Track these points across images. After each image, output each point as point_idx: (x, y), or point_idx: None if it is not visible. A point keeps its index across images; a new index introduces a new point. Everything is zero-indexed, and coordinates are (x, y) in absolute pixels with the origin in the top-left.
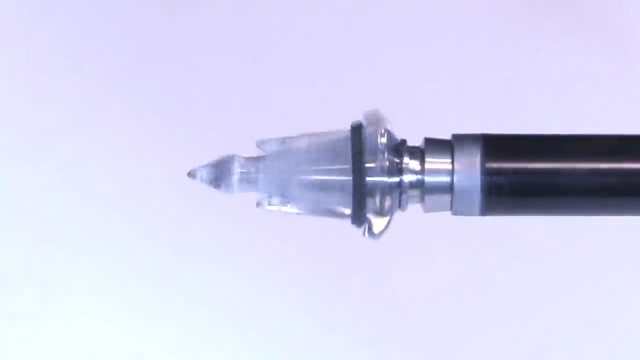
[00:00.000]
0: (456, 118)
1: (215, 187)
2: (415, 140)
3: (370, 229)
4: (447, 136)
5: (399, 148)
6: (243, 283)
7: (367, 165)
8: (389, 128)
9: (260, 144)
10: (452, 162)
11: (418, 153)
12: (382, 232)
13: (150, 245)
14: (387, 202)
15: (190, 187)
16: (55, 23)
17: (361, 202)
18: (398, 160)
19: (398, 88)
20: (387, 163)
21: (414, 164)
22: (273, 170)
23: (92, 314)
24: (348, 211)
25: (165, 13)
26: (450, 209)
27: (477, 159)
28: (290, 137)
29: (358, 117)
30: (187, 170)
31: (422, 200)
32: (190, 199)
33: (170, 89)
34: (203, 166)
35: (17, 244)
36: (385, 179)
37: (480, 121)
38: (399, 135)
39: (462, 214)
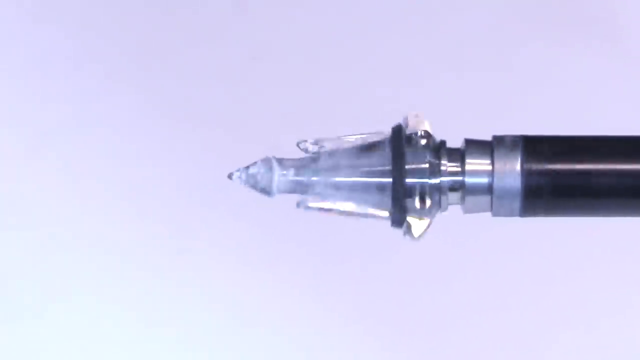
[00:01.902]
0: (458, 119)
1: (255, 189)
2: (453, 142)
3: (410, 230)
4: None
5: (438, 149)
6: (243, 283)
7: (408, 166)
8: (429, 129)
9: (300, 145)
10: (492, 164)
11: (458, 154)
12: (422, 234)
13: (150, 245)
14: (427, 204)
15: (190, 187)
16: (55, 23)
17: (401, 203)
18: (438, 162)
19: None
20: (428, 164)
21: (454, 165)
22: (313, 172)
23: (92, 314)
24: (388, 213)
25: (165, 13)
26: (490, 210)
27: (517, 161)
28: (330, 139)
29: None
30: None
31: (462, 201)
32: (191, 199)
33: (169, 89)
34: (242, 168)
35: (17, 244)
36: (425, 180)
37: (481, 121)
38: (438, 136)
39: (502, 215)
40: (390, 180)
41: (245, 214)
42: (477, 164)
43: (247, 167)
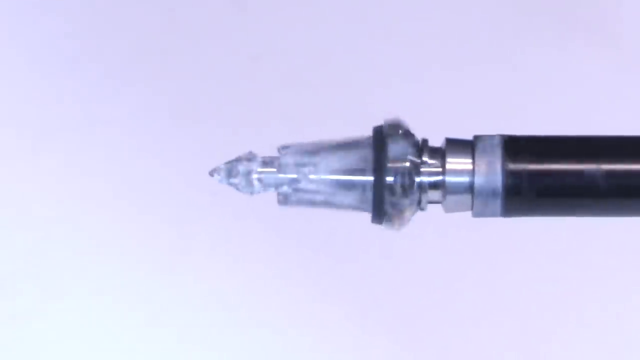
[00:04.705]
0: (456, 119)
1: (234, 187)
2: (434, 141)
3: (390, 227)
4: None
5: (420, 148)
6: (243, 283)
7: (389, 164)
8: (409, 129)
9: (281, 147)
10: (473, 163)
11: (439, 153)
12: (401, 230)
13: (151, 245)
14: (407, 202)
15: (191, 186)
16: (55, 23)
17: (381, 202)
18: (419, 160)
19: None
20: (409, 163)
21: (435, 164)
22: (295, 169)
23: (92, 314)
24: (369, 209)
25: (165, 13)
26: (471, 210)
27: (498, 160)
28: (311, 141)
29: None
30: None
31: (443, 200)
32: (191, 199)
33: (169, 89)
34: (222, 165)
35: (17, 244)
36: (406, 178)
37: (479, 122)
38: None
39: (483, 215)
40: (372, 178)
41: (246, 214)
42: (458, 162)
43: (226, 165)
